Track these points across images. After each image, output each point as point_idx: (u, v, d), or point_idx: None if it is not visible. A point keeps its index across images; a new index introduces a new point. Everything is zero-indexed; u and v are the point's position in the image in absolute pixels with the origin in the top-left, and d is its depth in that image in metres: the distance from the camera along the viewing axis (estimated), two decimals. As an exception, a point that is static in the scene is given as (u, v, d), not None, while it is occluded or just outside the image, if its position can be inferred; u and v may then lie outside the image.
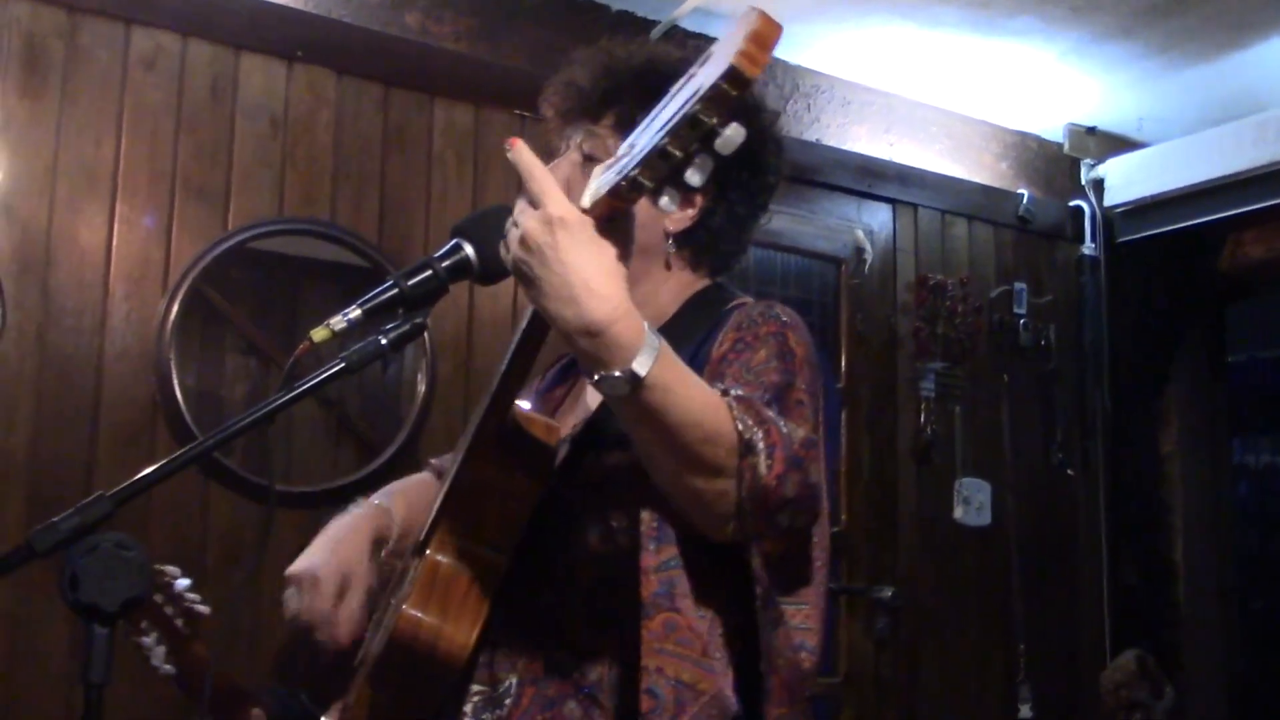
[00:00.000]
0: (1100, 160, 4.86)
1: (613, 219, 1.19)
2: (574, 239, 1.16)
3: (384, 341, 1.36)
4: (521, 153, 1.24)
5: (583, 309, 1.15)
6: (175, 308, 3.00)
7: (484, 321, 3.44)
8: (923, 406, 4.31)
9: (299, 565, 1.60)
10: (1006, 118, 4.67)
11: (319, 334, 1.32)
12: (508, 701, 1.36)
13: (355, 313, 1.33)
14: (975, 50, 4.08)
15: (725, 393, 1.24)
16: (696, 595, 1.29)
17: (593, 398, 1.55)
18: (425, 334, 1.40)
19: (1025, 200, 4.67)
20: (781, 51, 3.93)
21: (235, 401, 3.17)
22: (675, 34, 3.72)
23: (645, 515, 1.30)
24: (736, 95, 1.04)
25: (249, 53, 3.19)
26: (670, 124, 1.07)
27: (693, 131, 1.06)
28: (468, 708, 1.38)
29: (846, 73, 4.23)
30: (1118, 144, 4.87)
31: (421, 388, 3.32)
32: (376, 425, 3.36)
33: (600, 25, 3.66)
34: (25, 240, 2.87)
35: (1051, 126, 4.78)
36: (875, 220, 4.35)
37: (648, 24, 3.78)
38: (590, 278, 1.15)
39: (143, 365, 2.98)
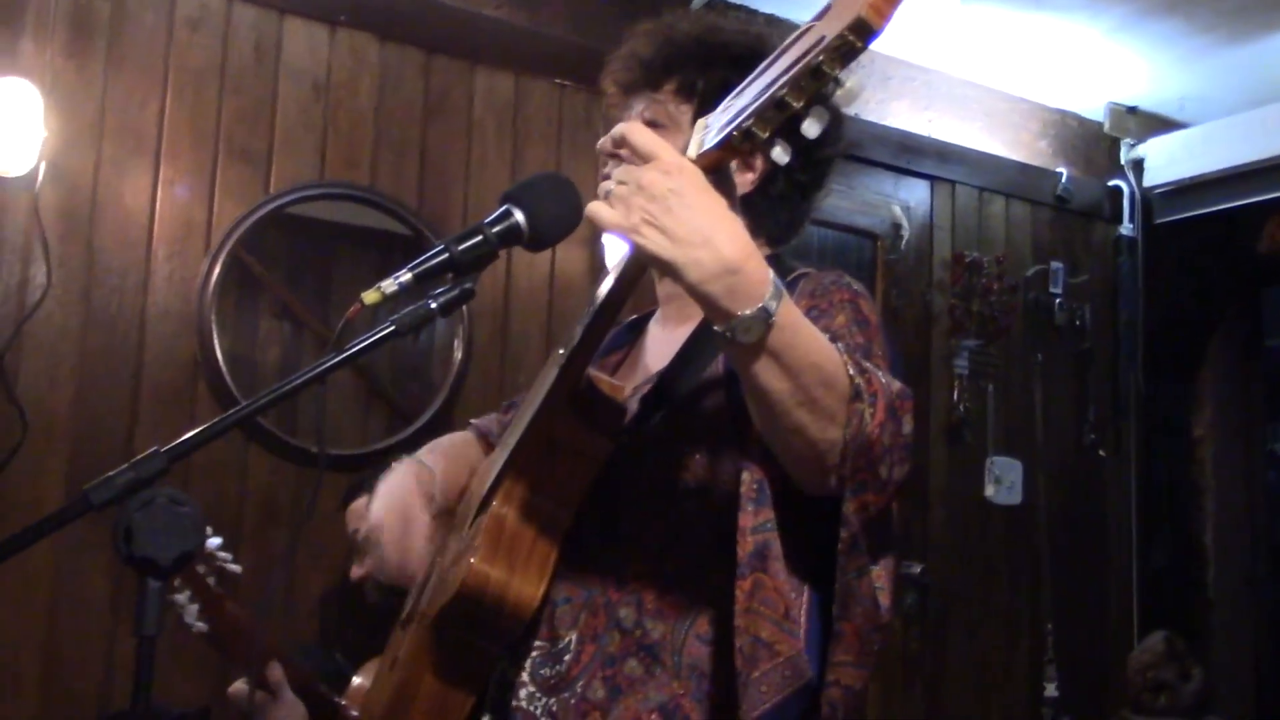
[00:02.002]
0: (1140, 140, 4.82)
1: (716, 171, 1.19)
2: (695, 183, 1.16)
3: (434, 305, 1.36)
4: (628, 125, 1.23)
5: (718, 249, 1.13)
6: (217, 269, 3.03)
7: (521, 290, 3.45)
8: (956, 384, 4.31)
9: (360, 525, 1.64)
10: (1047, 95, 4.63)
11: (370, 296, 1.31)
12: (567, 658, 1.36)
13: (406, 276, 1.32)
14: (1018, 26, 4.05)
15: (832, 338, 1.24)
16: (786, 558, 1.29)
17: (654, 360, 1.55)
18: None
19: (1064, 179, 4.64)
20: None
21: (269, 365, 3.19)
22: (717, 4, 3.71)
23: (745, 476, 1.30)
24: (861, 47, 1.03)
25: (293, 16, 3.20)
26: (790, 74, 1.06)
27: (814, 82, 1.06)
28: (526, 663, 1.39)
29: (887, 48, 4.19)
30: (1159, 124, 4.83)
31: (458, 354, 3.33)
32: (407, 391, 3.38)
33: (642, -5, 3.65)
34: (71, 200, 2.89)
35: (1092, 105, 4.74)
36: (913, 196, 4.33)
37: (690, -6, 3.77)
38: (718, 218, 1.15)
39: (184, 325, 3.00)
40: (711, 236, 1.14)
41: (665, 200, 1.15)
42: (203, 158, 3.06)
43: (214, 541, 2.23)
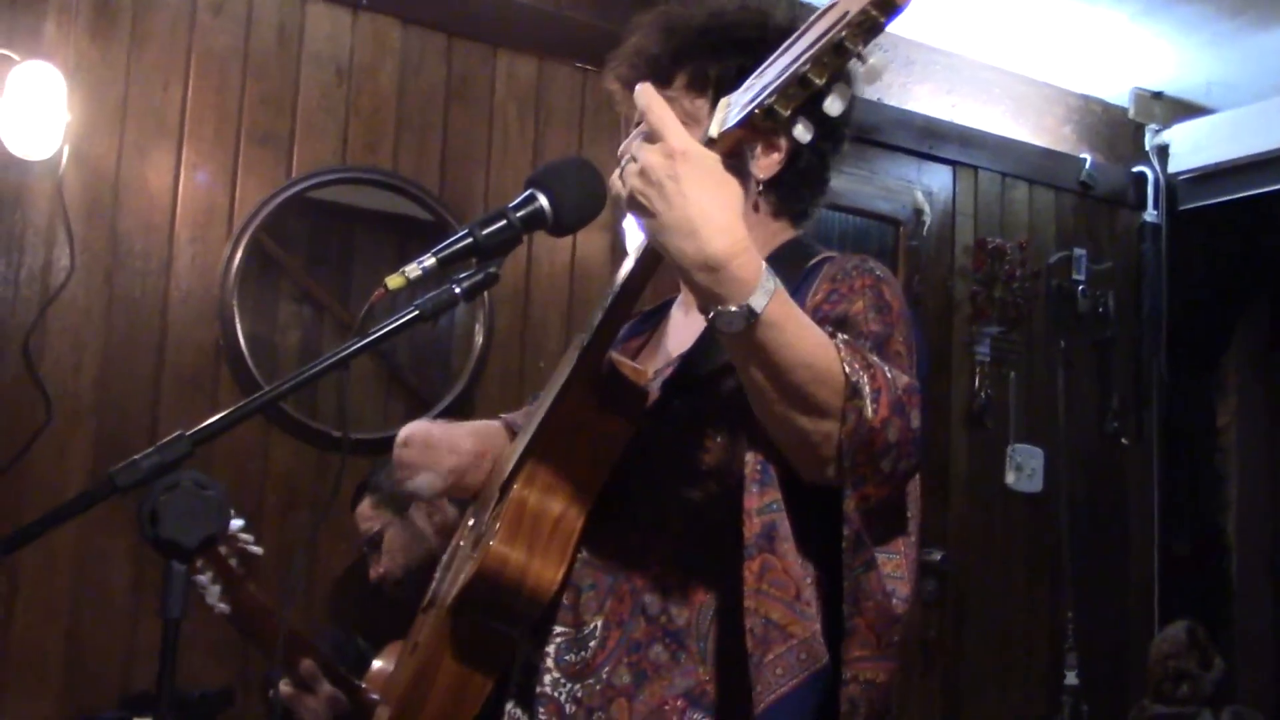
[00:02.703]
0: (1165, 126, 4.78)
1: (735, 154, 1.18)
2: (695, 172, 1.15)
3: (458, 290, 1.36)
4: (645, 92, 1.22)
5: (703, 243, 1.14)
6: (239, 253, 3.04)
7: (542, 275, 3.45)
8: (977, 371, 4.29)
9: (411, 427, 1.67)
10: (1071, 81, 4.60)
11: (394, 281, 1.31)
12: (592, 644, 1.36)
13: (430, 261, 1.32)
14: (1043, 10, 4.02)
15: (833, 335, 1.24)
16: (795, 540, 1.29)
17: (675, 344, 1.55)
18: (486, 286, 1.40)
19: (1087, 165, 4.61)
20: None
21: (289, 349, 3.20)
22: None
23: (749, 457, 1.30)
24: (884, 22, 1.02)
25: (315, 0, 3.20)
26: (813, 50, 1.05)
27: (837, 58, 1.05)
28: (550, 649, 1.38)
29: (910, 32, 4.17)
30: (1184, 109, 4.79)
31: (479, 340, 3.34)
32: (427, 378, 3.38)
33: (664, -21, 3.63)
34: (94, 183, 2.90)
35: (1117, 91, 4.70)
36: (935, 182, 4.31)
37: (712, -22, 3.75)
38: (711, 211, 1.14)
39: (206, 309, 3.01)
40: (699, 228, 1.14)
41: (661, 185, 1.15)
42: (225, 142, 3.06)
43: (237, 523, 2.24)
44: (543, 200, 1.38)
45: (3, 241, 2.81)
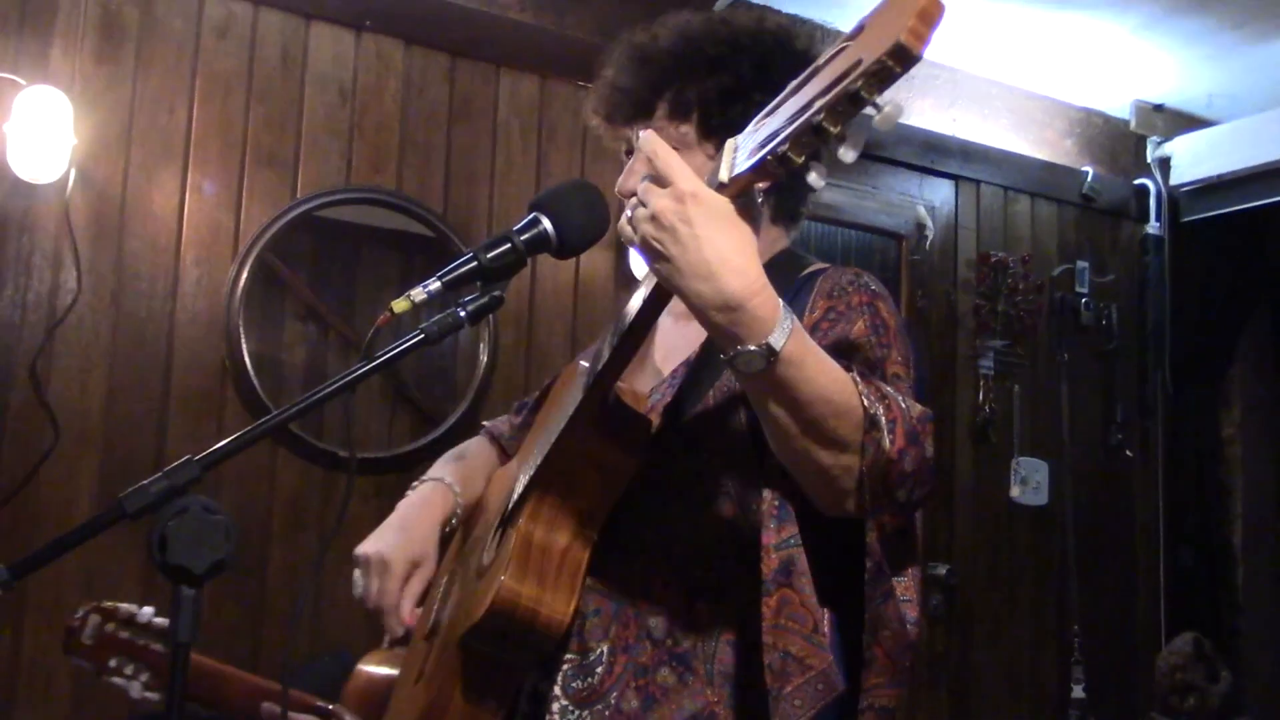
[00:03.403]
0: (1167, 138, 4.80)
1: (744, 196, 1.18)
2: (707, 214, 1.14)
3: (463, 313, 1.37)
4: (650, 140, 1.21)
5: (721, 285, 1.13)
6: (245, 274, 3.05)
7: (546, 294, 3.46)
8: (981, 384, 4.29)
9: (369, 547, 1.62)
10: (1072, 94, 4.61)
11: (400, 305, 1.31)
12: (599, 669, 1.36)
13: (435, 284, 1.32)
14: (1045, 24, 4.03)
15: (848, 368, 1.24)
16: (813, 573, 1.29)
17: (665, 361, 1.55)
18: (493, 307, 1.40)
19: (1089, 178, 4.62)
20: (843, 24, 3.90)
21: (294, 367, 3.21)
22: (740, 3, 3.71)
23: (766, 494, 1.30)
24: (900, 72, 1.01)
25: (319, 22, 3.22)
26: (827, 99, 1.04)
27: (852, 107, 1.04)
28: (558, 676, 1.38)
29: (911, 47, 4.18)
30: (1185, 121, 4.80)
31: (483, 359, 3.35)
32: (432, 395, 3.39)
33: (666, -3, 3.65)
34: (100, 205, 2.92)
35: (1118, 103, 4.71)
36: (937, 196, 4.32)
37: (713, -6, 3.77)
38: (726, 253, 1.14)
39: (212, 330, 3.03)
40: (716, 270, 1.13)
41: (674, 230, 1.14)
42: (230, 163, 3.08)
43: (147, 611, 2.11)
44: (546, 224, 1.39)
45: (10, 265, 2.82)
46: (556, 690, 1.38)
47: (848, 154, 1.08)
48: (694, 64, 1.49)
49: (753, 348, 1.14)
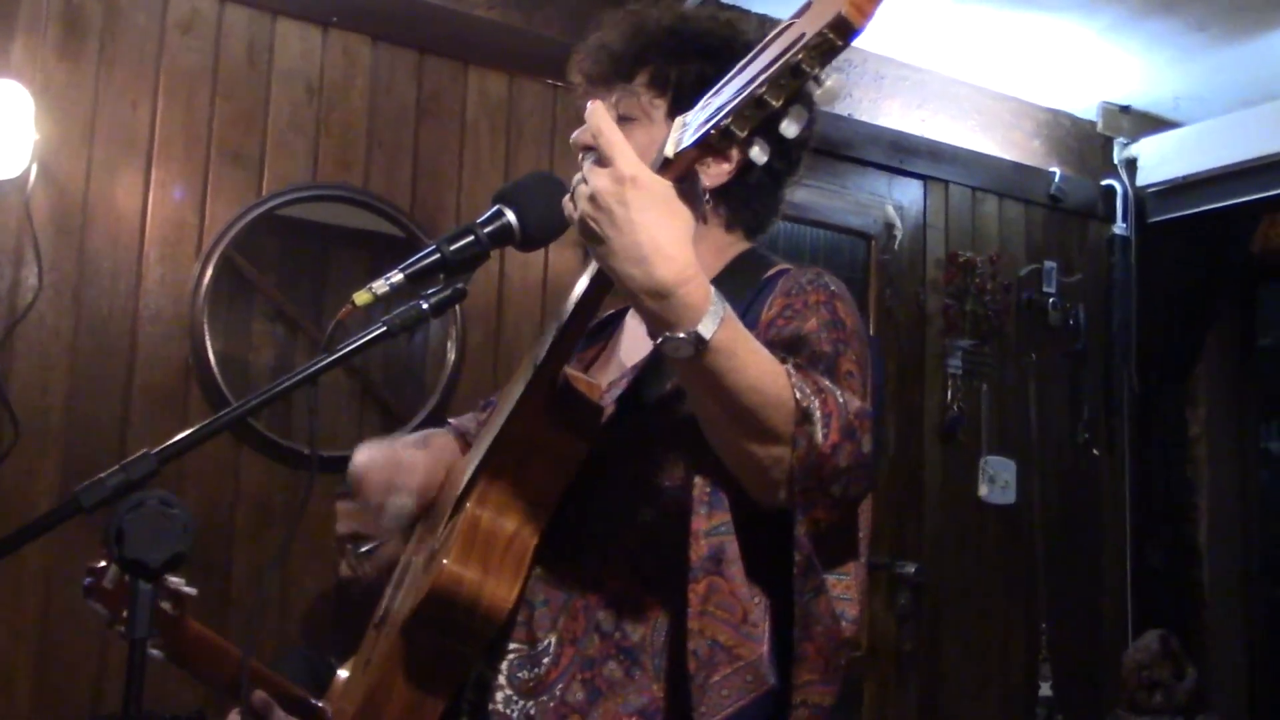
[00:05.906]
0: (1134, 139, 4.83)
1: (687, 177, 1.18)
2: (645, 198, 1.15)
3: (425, 306, 1.36)
4: (596, 113, 1.22)
5: (651, 269, 1.14)
6: (209, 272, 3.03)
7: (514, 290, 3.45)
8: (950, 384, 4.31)
9: (371, 449, 1.66)
10: (1040, 95, 4.64)
11: (361, 297, 1.31)
12: (546, 660, 1.35)
13: (397, 277, 1.32)
14: (1012, 25, 4.05)
15: (784, 360, 1.24)
16: (744, 562, 1.29)
17: (628, 356, 1.55)
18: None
19: (1057, 179, 4.64)
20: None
21: (261, 366, 3.18)
22: (709, 2, 3.71)
23: (698, 480, 1.30)
24: (841, 45, 1.02)
25: (285, 18, 3.19)
26: (770, 72, 1.05)
27: (794, 80, 1.05)
28: (503, 665, 1.37)
29: (879, 47, 4.20)
30: (1152, 123, 4.83)
31: (451, 355, 3.33)
32: (400, 392, 3.37)
33: (634, -5, 3.64)
34: (62, 202, 2.89)
35: (1085, 104, 4.74)
36: (906, 196, 4.34)
37: (682, -5, 3.76)
38: (660, 238, 1.14)
39: (176, 328, 3.00)
40: (648, 255, 1.14)
41: (610, 212, 1.15)
42: (195, 160, 3.05)
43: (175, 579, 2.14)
44: (510, 216, 1.39)
45: (-30, 261, 2.79)
46: (501, 679, 1.37)
47: (790, 127, 1.09)
48: (685, 45, 1.51)
49: (681, 335, 1.15)
